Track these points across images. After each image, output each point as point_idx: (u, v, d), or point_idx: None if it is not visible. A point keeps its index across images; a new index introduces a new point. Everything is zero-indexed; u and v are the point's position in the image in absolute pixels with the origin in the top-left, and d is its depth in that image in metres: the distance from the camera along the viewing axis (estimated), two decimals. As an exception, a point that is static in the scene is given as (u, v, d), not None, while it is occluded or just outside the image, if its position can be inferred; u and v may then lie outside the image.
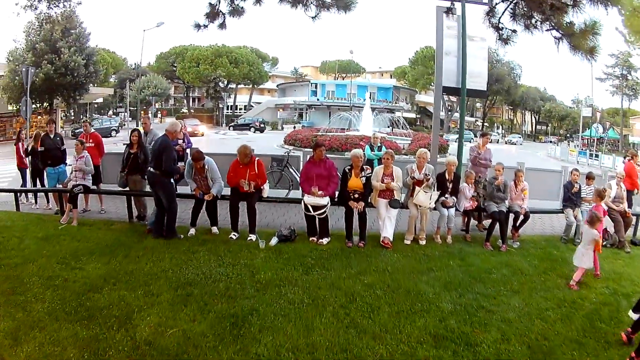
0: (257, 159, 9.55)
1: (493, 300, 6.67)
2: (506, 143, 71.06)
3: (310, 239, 9.16)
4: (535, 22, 9.94)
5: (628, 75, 67.00)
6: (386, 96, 79.10)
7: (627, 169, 13.07)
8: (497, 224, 9.75)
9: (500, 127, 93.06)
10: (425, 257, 8.53)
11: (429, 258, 8.49)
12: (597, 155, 44.60)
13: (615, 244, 10.42)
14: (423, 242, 9.50)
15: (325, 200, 9.12)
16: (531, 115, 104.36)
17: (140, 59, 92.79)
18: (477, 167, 11.11)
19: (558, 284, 7.61)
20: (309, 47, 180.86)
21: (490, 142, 11.71)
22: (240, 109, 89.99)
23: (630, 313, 6.17)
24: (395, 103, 78.21)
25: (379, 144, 14.56)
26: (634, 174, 13.06)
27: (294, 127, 58.87)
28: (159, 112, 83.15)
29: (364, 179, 9.27)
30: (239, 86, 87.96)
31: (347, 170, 9.35)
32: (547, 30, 9.80)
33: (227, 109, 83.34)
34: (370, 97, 61.62)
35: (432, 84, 72.34)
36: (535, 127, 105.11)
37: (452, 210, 9.81)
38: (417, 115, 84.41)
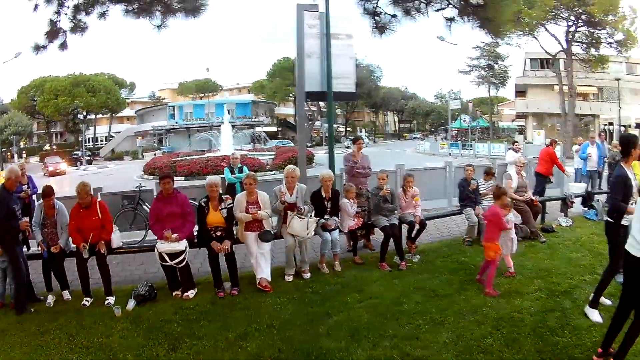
0: (98, 200, 7.84)
1: (417, 343, 5.52)
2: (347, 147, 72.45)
3: (174, 293, 7.46)
4: (420, 4, 9.13)
5: (495, 64, 72.13)
6: (245, 112, 79.33)
7: (544, 155, 13.26)
8: (391, 239, 8.63)
9: (364, 130, 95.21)
10: (317, 297, 7.16)
11: (321, 298, 7.13)
12: (470, 146, 46.57)
13: (528, 235, 10.00)
14: (308, 276, 8.10)
15: (182, 244, 7.42)
16: (393, 115, 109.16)
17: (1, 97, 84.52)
18: (356, 178, 9.84)
19: (484, 300, 6.78)
20: (166, 69, 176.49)
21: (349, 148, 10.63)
22: (102, 140, 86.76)
23: (587, 311, 6.08)
24: (255, 118, 78.55)
25: (239, 165, 12.75)
26: (551, 160, 13.25)
27: (154, 154, 56.23)
28: (23, 152, 77.40)
29: (224, 211, 7.70)
30: (98, 116, 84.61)
31: (202, 204, 7.73)
32: (438, 10, 9.07)
33: (88, 142, 79.05)
34: (229, 114, 60.33)
35: (291, 94, 73.85)
36: (399, 125, 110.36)
37: (336, 232, 8.55)
38: (278, 128, 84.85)
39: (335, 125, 73.10)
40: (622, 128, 39.67)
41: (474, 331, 5.72)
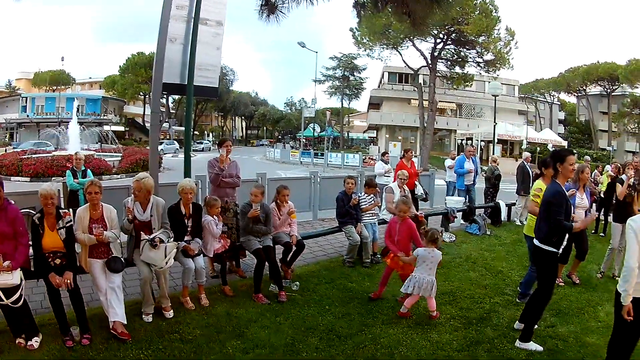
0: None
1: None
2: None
3: (17, 341, 5.49)
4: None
5: (350, 76, 73.86)
6: (95, 108, 75.38)
7: (398, 168, 12.75)
8: (267, 264, 7.37)
9: (211, 134, 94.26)
10: (187, 347, 5.57)
11: (193, 348, 5.56)
12: (322, 154, 46.71)
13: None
14: (170, 314, 6.43)
15: (16, 276, 5.44)
16: (241, 121, 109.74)
17: None
18: (222, 189, 8.30)
19: (397, 338, 5.96)
20: (24, 56, 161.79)
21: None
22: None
23: (521, 346, 5.85)
24: (104, 115, 74.38)
25: (83, 167, 10.81)
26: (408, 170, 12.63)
27: (5, 150, 50.29)
28: None
29: (62, 231, 5.85)
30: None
31: (36, 221, 5.83)
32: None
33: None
34: (78, 110, 56.42)
35: (142, 93, 71.13)
36: (247, 132, 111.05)
37: (200, 258, 7.00)
38: (126, 128, 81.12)
39: (181, 128, 71.41)
40: (482, 143, 41.79)
41: None
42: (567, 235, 6.01)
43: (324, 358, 5.34)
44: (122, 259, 6.21)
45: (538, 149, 44.70)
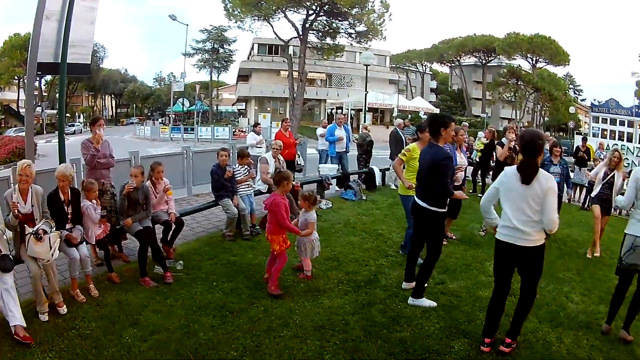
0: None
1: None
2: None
3: None
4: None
5: (220, 48, 72.31)
6: None
7: (277, 139, 12.56)
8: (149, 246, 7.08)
9: (82, 115, 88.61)
10: (88, 343, 5.21)
11: (93, 343, 5.22)
12: (192, 129, 46.46)
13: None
14: (64, 310, 5.95)
15: None
16: (111, 99, 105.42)
17: None
18: (97, 171, 7.83)
19: (289, 308, 6.00)
20: None
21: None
22: None
23: (415, 302, 6.11)
24: None
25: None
26: (285, 145, 12.65)
27: None
28: None
29: None
30: None
31: None
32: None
33: None
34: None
35: (17, 77, 65.95)
36: (116, 110, 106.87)
37: (84, 246, 6.54)
38: (1, 116, 73.97)
39: (53, 111, 67.64)
40: (353, 112, 42.81)
41: (303, 350, 5.04)
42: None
43: (222, 337, 5.24)
44: (10, 257, 5.64)
45: (410, 116, 46.64)
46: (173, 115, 62.34)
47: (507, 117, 77.20)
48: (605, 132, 40.78)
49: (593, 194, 9.83)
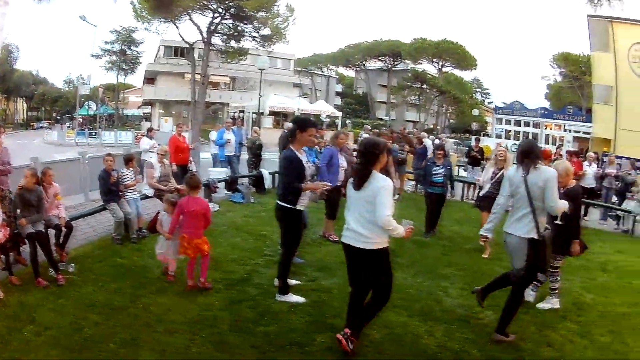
0: None
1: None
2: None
3: None
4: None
5: (127, 50, 70.70)
6: None
7: (170, 144, 13.25)
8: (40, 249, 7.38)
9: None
10: None
11: (2, 341, 5.58)
12: (96, 134, 45.72)
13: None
14: None
15: None
16: (22, 102, 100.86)
17: None
18: None
19: (165, 305, 6.37)
20: None
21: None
22: None
23: (281, 298, 6.41)
24: None
25: None
26: (178, 148, 13.34)
27: None
28: None
29: None
30: None
31: None
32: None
33: None
34: None
35: None
36: (27, 114, 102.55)
37: None
38: None
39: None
40: (255, 115, 43.25)
41: (175, 343, 5.39)
42: (301, 194, 6.42)
43: (105, 331, 5.64)
44: None
45: (312, 119, 47.19)
46: (81, 119, 60.68)
47: (412, 120, 79.94)
48: (509, 133, 43.44)
49: (482, 192, 10.31)
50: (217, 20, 43.28)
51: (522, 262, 5.66)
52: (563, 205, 5.73)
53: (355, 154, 9.11)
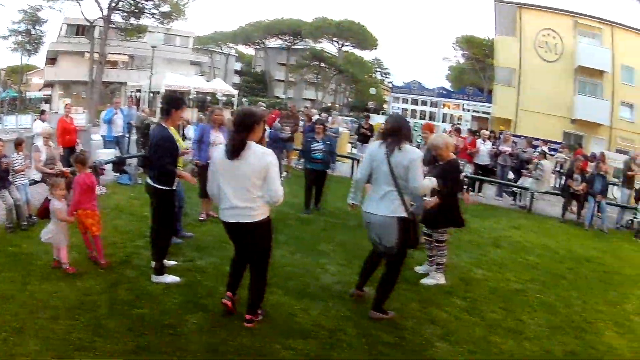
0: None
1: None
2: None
3: None
4: None
5: (32, 29, 65.63)
6: None
7: (58, 126, 13.30)
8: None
9: None
10: None
11: None
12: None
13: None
14: None
15: None
16: None
17: None
18: None
19: (48, 291, 6.21)
20: None
21: None
22: None
23: (157, 279, 6.37)
24: None
25: None
26: (66, 130, 13.27)
27: None
28: None
29: None
30: None
31: None
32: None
33: None
34: None
35: None
36: None
37: None
38: None
39: None
40: (151, 94, 42.70)
41: (58, 330, 5.28)
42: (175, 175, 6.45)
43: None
44: None
45: (209, 98, 47.51)
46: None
47: (310, 98, 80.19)
48: (406, 112, 43.37)
49: None
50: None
51: (392, 240, 5.61)
52: (428, 184, 5.84)
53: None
